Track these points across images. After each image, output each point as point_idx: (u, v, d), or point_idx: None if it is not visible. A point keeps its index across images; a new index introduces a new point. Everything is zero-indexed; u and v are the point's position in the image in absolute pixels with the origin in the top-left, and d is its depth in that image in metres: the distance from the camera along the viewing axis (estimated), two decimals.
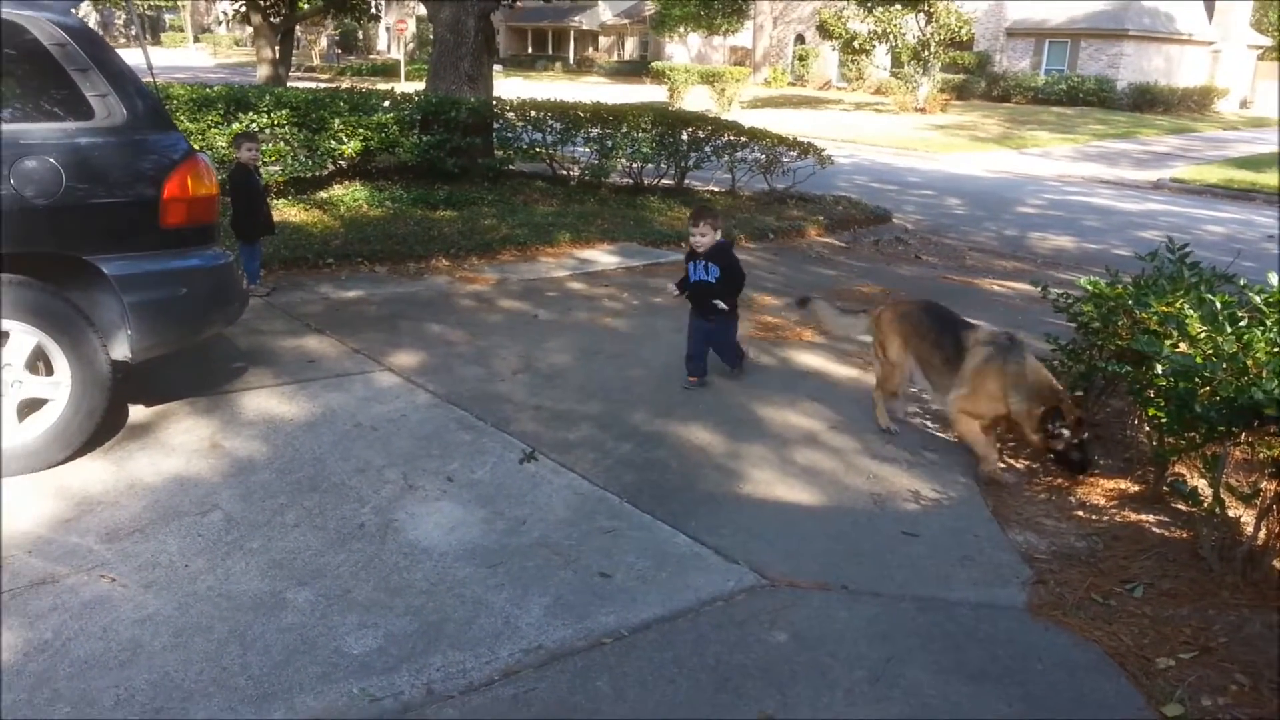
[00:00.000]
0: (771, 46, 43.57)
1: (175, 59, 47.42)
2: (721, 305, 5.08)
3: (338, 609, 2.93)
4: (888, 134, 23.21)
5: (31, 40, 3.75)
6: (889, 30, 29.69)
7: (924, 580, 3.33)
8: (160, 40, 66.44)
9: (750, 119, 14.94)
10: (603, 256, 8.47)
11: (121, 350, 3.95)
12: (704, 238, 5.08)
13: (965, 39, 32.33)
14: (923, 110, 29.11)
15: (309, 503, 3.62)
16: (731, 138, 11.59)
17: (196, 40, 65.66)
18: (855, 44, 32.25)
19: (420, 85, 14.92)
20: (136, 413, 4.37)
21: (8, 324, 3.62)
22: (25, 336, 3.67)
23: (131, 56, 4.36)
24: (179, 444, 4.09)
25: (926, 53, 29.34)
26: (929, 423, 4.82)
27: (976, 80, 35.71)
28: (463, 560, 3.25)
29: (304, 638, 2.78)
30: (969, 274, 8.89)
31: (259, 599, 2.97)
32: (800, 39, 43.07)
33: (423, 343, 5.68)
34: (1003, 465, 4.33)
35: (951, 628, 3.04)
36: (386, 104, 10.14)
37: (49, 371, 3.77)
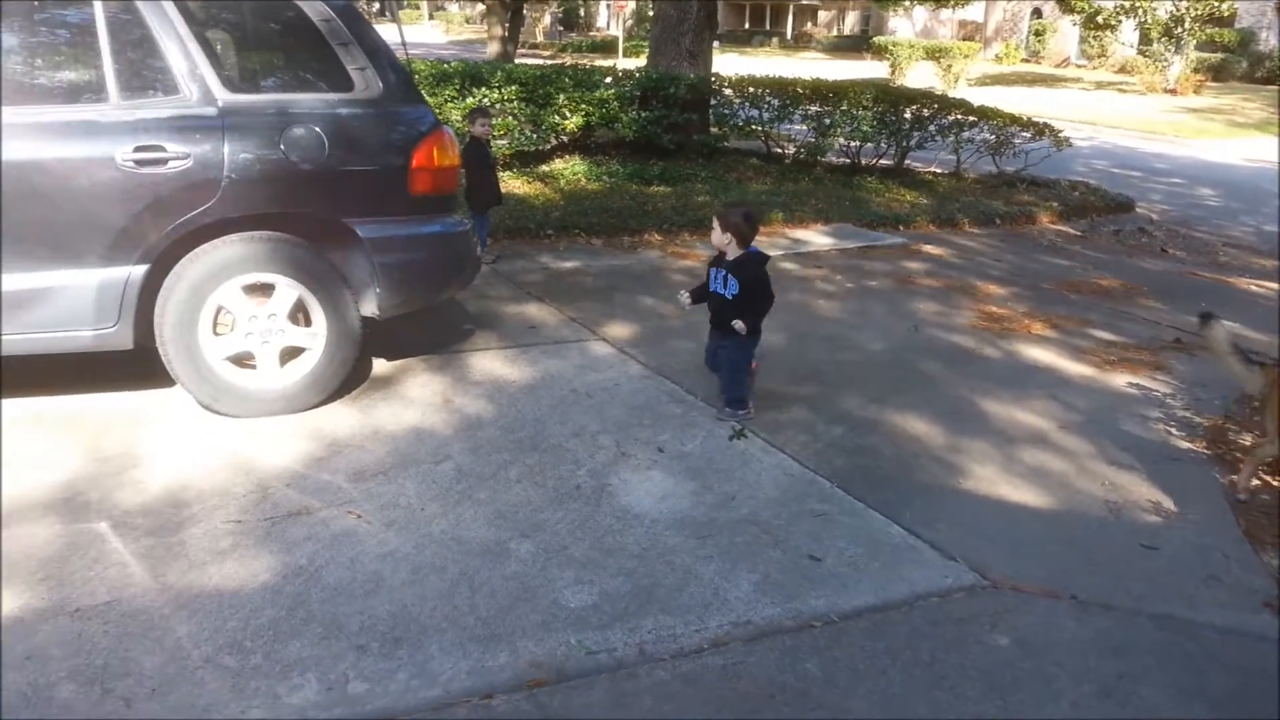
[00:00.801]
0: (1005, 20, 41.20)
1: (410, 35, 50.36)
2: (738, 325, 4.14)
3: (556, 563, 3.06)
4: (1132, 116, 21.48)
5: (301, 16, 4.07)
6: (1138, 4, 27.37)
7: (1163, 597, 3.09)
8: (398, 17, 70.86)
9: (978, 97, 14.21)
10: (816, 237, 8.33)
11: (370, 307, 4.27)
12: (725, 242, 4.26)
13: (1226, 15, 29.34)
14: (1173, 91, 26.73)
15: (530, 461, 3.79)
16: (958, 116, 11.09)
17: (431, 18, 69.47)
18: (1099, 18, 29.94)
19: (637, 62, 15.16)
20: (379, 366, 4.71)
21: (274, 278, 3.99)
22: (289, 290, 4.03)
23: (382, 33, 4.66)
24: (415, 397, 4.38)
25: (1180, 29, 26.90)
26: (1173, 430, 4.45)
27: (1237, 60, 32.36)
28: (673, 529, 3.31)
29: (525, 586, 2.92)
30: (1221, 271, 8.11)
31: (486, 546, 3.14)
32: (1037, 13, 40.47)
33: (635, 315, 5.80)
34: (1258, 481, 3.94)
35: (1193, 649, 2.81)
36: (608, 80, 10.37)
37: (307, 323, 4.12)
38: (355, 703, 2.39)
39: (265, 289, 4.02)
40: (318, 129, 3.98)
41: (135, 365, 4.16)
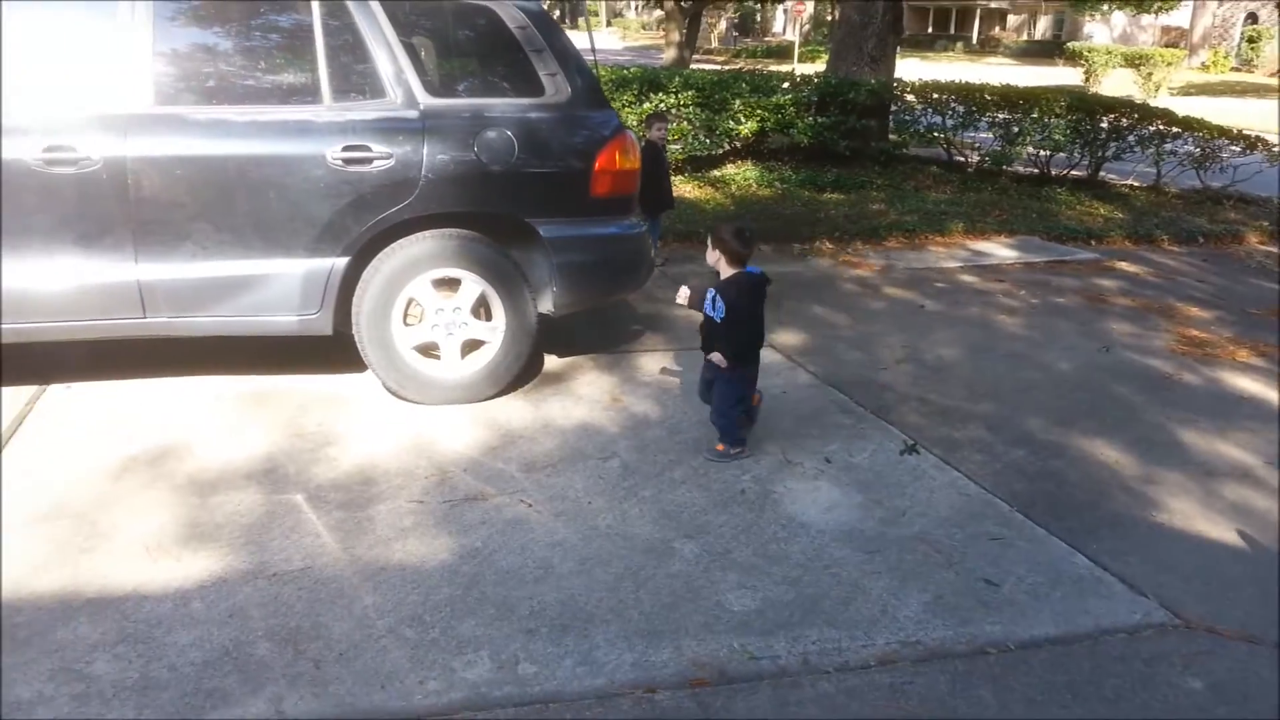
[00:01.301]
0: (1214, 26, 38.29)
1: (588, 41, 51.58)
2: (715, 357, 3.75)
3: (719, 566, 3.06)
4: None
5: (498, 23, 4.24)
6: None
7: None
8: (577, 24, 72.68)
9: (1181, 107, 13.26)
10: (999, 249, 7.99)
11: (546, 305, 4.40)
12: (715, 259, 3.79)
13: None
14: None
15: (694, 463, 3.81)
16: (1160, 127, 10.37)
17: (608, 24, 70.96)
18: None
19: (812, 67, 15.00)
20: (550, 362, 4.85)
21: (461, 273, 4.17)
22: (474, 285, 4.20)
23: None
24: (584, 394, 4.48)
25: None
26: None
27: None
28: (839, 541, 3.25)
29: (689, 586, 2.94)
30: None
31: (650, 543, 3.18)
32: (1252, 18, 37.40)
33: (804, 323, 5.73)
34: None
35: None
36: (786, 85, 10.30)
37: (488, 318, 4.29)
38: (524, 683, 2.47)
39: (452, 283, 4.21)
40: (509, 132, 4.14)
41: (326, 351, 4.44)
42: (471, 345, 4.31)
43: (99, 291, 3.80)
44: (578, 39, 4.78)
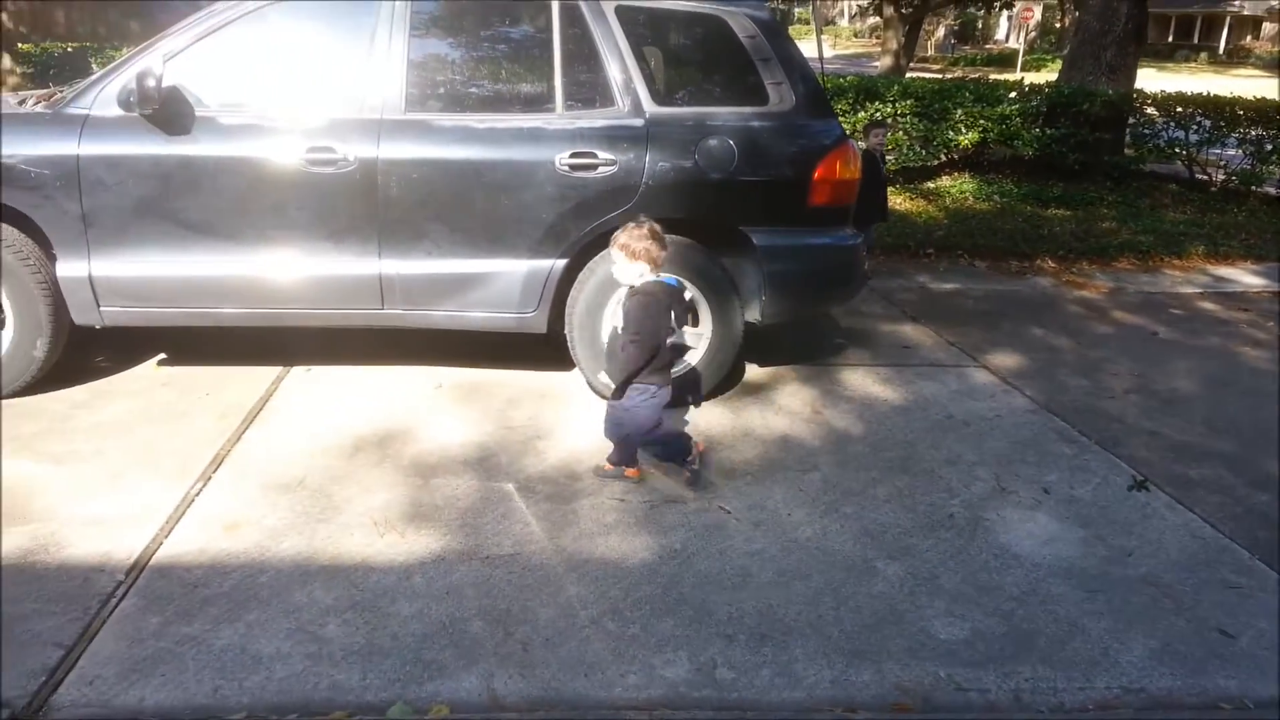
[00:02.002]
0: None
1: (814, 49, 51.04)
2: (602, 377, 3.42)
3: (925, 591, 2.96)
4: None
5: (727, 31, 4.27)
6: None
7: None
8: (819, 33, 72.17)
9: None
10: (1245, 276, 7.31)
11: (753, 313, 4.40)
12: (634, 275, 3.48)
13: None
14: None
15: (899, 483, 3.70)
16: None
17: (820, 32, 70.05)
18: None
19: (1036, 76, 14.23)
20: (751, 371, 4.85)
21: (673, 279, 4.23)
22: (685, 291, 4.26)
23: None
24: (785, 405, 4.45)
25: None
26: None
27: None
28: (1057, 577, 3.07)
29: (892, 609, 2.86)
30: None
31: (851, 561, 3.12)
32: None
33: (1021, 344, 5.46)
34: None
35: None
36: (1013, 95, 9.84)
37: (695, 324, 4.34)
38: (722, 688, 2.48)
39: None
40: (730, 141, 4.16)
41: (536, 348, 4.63)
42: (677, 350, 4.37)
43: (346, 283, 4.13)
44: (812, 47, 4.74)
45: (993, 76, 15.06)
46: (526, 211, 4.10)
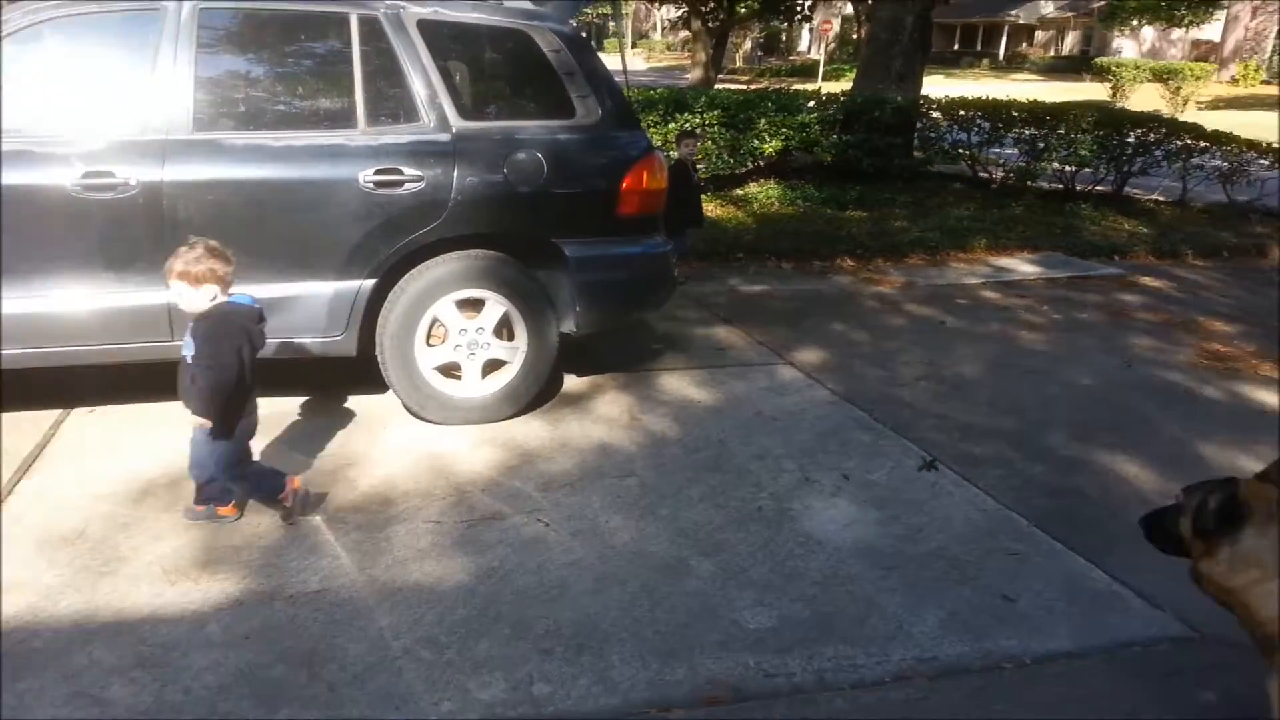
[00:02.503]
0: (1246, 39, 37.88)
1: (613, 63, 51.73)
2: (198, 421, 3.16)
3: (735, 584, 3.07)
4: None
5: (532, 46, 4.28)
6: None
7: None
8: (603, 46, 73.10)
9: (1209, 121, 13.14)
10: (1022, 265, 7.96)
11: (568, 324, 4.44)
12: (178, 294, 3.20)
13: None
14: None
15: (712, 481, 3.82)
16: (1188, 141, 10.30)
17: (634, 45, 71.38)
18: None
19: (837, 86, 15.01)
20: (570, 382, 4.89)
21: (485, 294, 4.22)
22: (497, 306, 4.24)
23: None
24: (603, 413, 4.51)
25: None
26: None
27: None
28: (856, 558, 3.25)
29: (705, 605, 2.95)
30: None
31: (667, 562, 3.19)
32: None
33: (824, 341, 5.74)
34: None
35: None
36: (811, 104, 10.33)
37: (510, 338, 4.34)
38: (539, 703, 2.49)
39: (476, 304, 4.26)
40: (539, 154, 4.17)
41: (347, 371, 4.50)
42: (492, 365, 4.36)
43: (132, 315, 3.88)
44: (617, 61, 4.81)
45: (796, 86, 15.77)
46: (330, 232, 3.98)
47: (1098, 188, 10.68)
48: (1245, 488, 2.14)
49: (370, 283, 4.07)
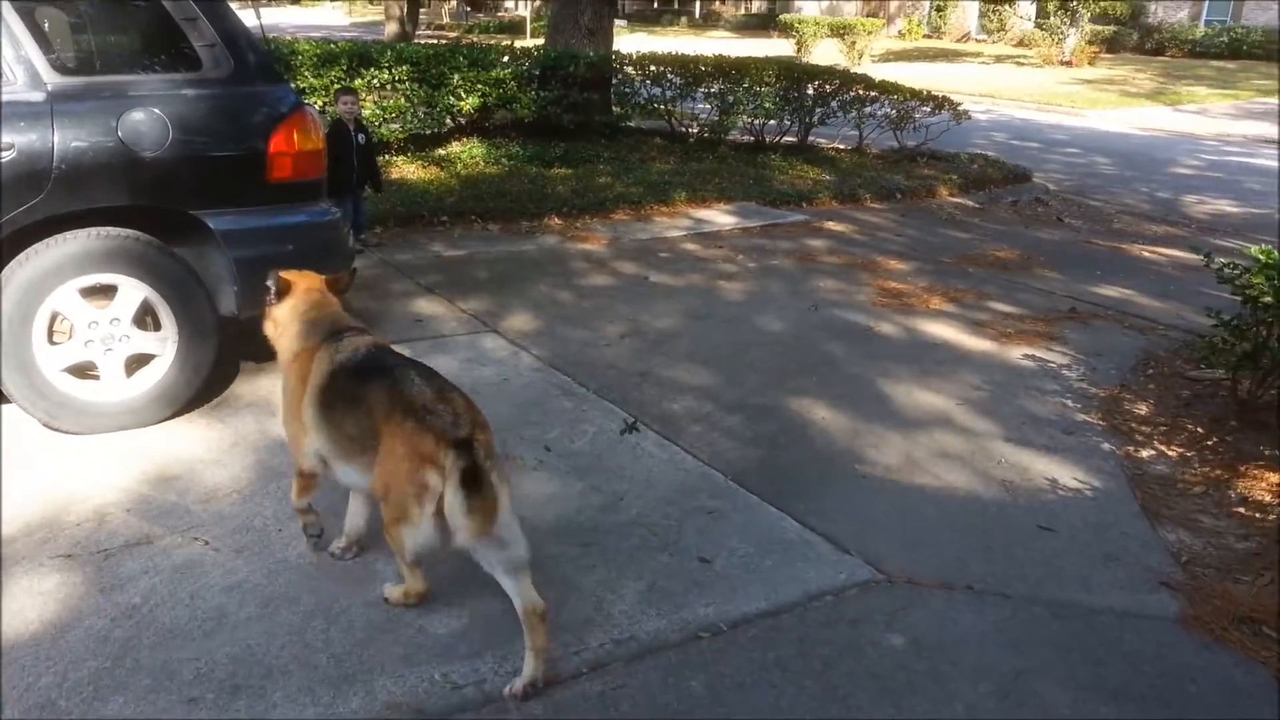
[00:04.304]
0: None
1: (311, 18, 48.59)
2: None
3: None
4: (1030, 89, 21.86)
5: None
6: None
7: (1061, 582, 2.99)
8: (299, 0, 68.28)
9: (882, 73, 14.27)
10: (719, 216, 8.17)
11: (228, 306, 3.93)
12: None
13: None
14: (1069, 64, 27.31)
15: None
16: (860, 92, 11.05)
17: (332, 0, 67.25)
18: None
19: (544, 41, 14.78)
20: (245, 369, 4.37)
21: (116, 278, 3.63)
22: (133, 291, 3.67)
23: (273, 14, 4.30)
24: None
25: (1074, 2, 27.45)
26: (1069, 402, 4.39)
27: (1128, 32, 33.24)
28: (555, 536, 3.09)
29: (388, 614, 2.67)
30: (1116, 239, 8.21)
31: (347, 569, 2.88)
32: None
33: (530, 304, 5.55)
34: (1153, 451, 3.91)
35: (1091, 638, 2.71)
36: (505, 59, 10.02)
37: (156, 327, 3.78)
38: None
39: (108, 291, 3.66)
40: (159, 112, 3.62)
41: None
42: (140, 361, 3.78)
43: None
44: (295, 14, 4.27)
45: (505, 43, 15.32)
46: None
47: (785, 139, 11.22)
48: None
49: None
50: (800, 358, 4.84)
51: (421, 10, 27.58)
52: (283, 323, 2.89)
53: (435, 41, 15.84)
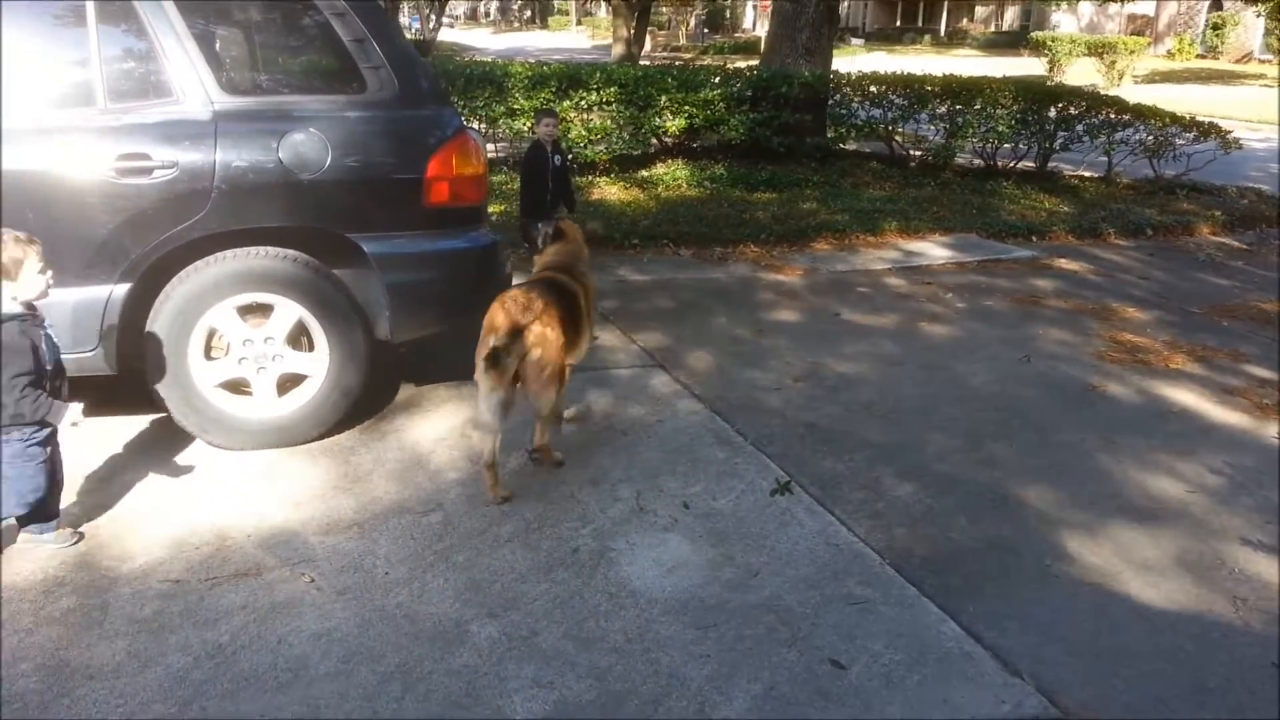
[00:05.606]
0: (1179, 14, 38.07)
1: (556, 41, 50.80)
2: None
3: (517, 655, 2.54)
4: None
5: (312, 10, 3.70)
6: None
7: None
8: (547, 24, 71.78)
9: (1145, 95, 12.85)
10: (932, 249, 7.50)
11: (382, 330, 3.87)
12: None
13: None
14: None
15: (530, 514, 3.28)
16: (1111, 115, 9.93)
17: (579, 23, 70.13)
18: None
19: None
20: (405, 392, 4.31)
21: (272, 298, 3.63)
22: (289, 311, 3.66)
23: (521, 38, 4.24)
24: (431, 430, 3.95)
25: None
26: None
27: None
28: (672, 614, 2.73)
29: (470, 686, 2.41)
30: None
31: (441, 627, 2.65)
32: (1216, 4, 37.16)
33: (705, 338, 5.21)
34: None
35: None
36: (716, 80, 9.78)
37: (310, 348, 3.76)
38: None
39: (264, 310, 3.67)
40: (320, 134, 3.60)
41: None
42: (292, 381, 3.77)
43: None
44: (543, 37, 4.21)
45: (738, 63, 15.11)
46: (65, 228, 3.36)
47: (1020, 164, 10.28)
48: None
49: (123, 288, 3.46)
50: (1001, 419, 4.21)
51: (662, 32, 28.03)
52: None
53: (669, 63, 15.87)
